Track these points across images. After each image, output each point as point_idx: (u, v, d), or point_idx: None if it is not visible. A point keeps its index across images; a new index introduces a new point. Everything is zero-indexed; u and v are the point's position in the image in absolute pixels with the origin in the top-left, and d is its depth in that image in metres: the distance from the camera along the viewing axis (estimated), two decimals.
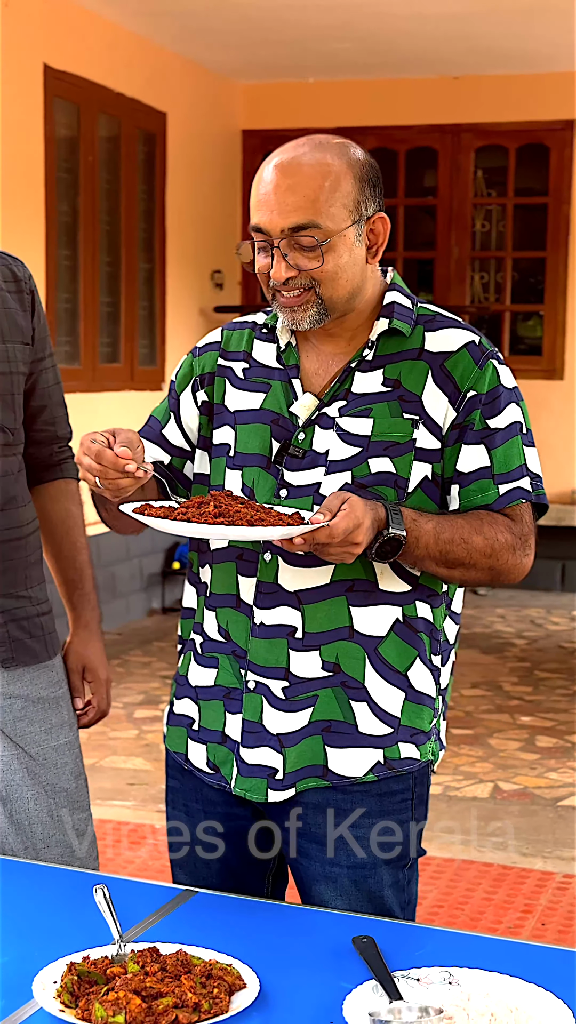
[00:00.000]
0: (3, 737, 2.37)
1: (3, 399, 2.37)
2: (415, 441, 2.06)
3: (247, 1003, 1.77)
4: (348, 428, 2.07)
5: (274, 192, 2.00)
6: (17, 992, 1.80)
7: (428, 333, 2.10)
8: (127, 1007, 1.73)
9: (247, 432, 2.13)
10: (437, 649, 2.16)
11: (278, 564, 2.08)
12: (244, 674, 2.13)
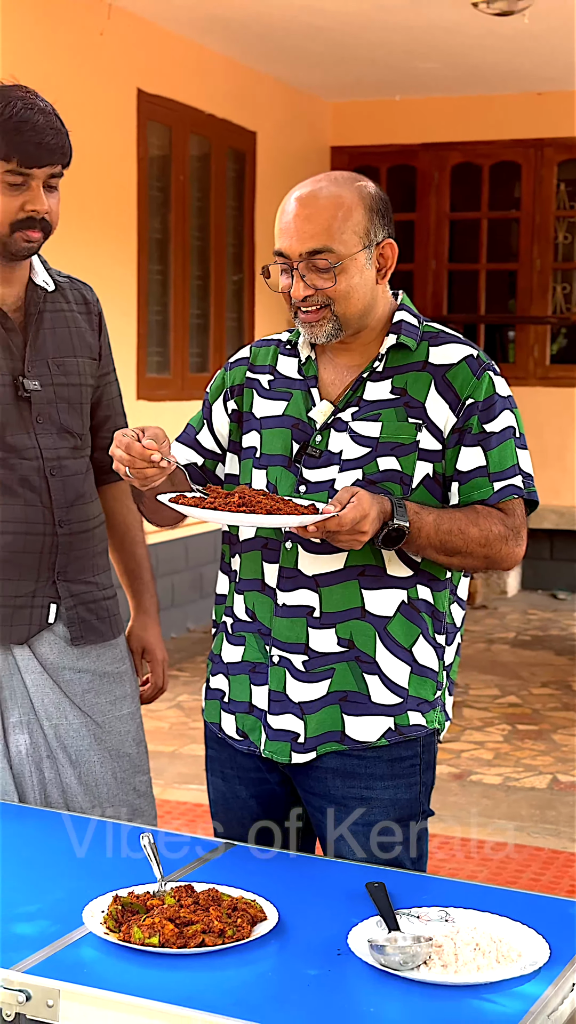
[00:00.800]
0: (73, 707, 2.68)
1: (73, 407, 2.69)
2: (418, 443, 2.34)
3: (266, 931, 2.05)
4: (359, 431, 2.36)
5: (294, 221, 2.31)
6: (70, 919, 2.10)
7: (432, 348, 2.39)
8: (161, 931, 2.02)
9: (271, 435, 2.43)
10: (441, 629, 2.43)
11: (298, 552, 2.37)
12: (269, 650, 2.42)
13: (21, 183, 2.52)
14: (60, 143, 2.54)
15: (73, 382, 2.69)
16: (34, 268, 2.70)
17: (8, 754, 2.66)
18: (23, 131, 2.49)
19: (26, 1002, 1.92)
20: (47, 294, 2.71)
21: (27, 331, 2.65)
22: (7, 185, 2.52)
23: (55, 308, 2.71)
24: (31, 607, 2.65)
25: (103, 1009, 1.90)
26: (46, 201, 2.55)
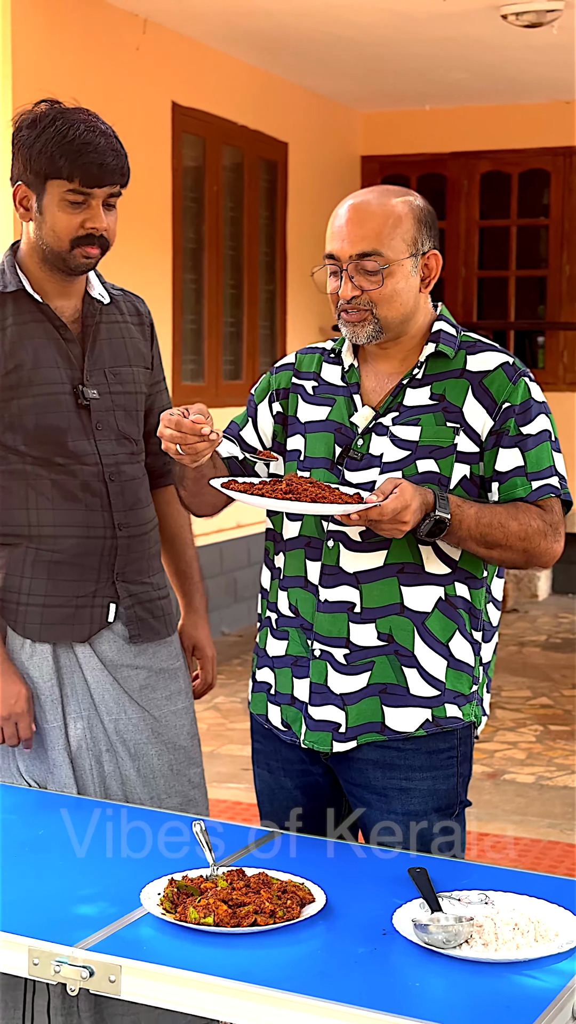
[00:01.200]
0: (132, 702, 2.80)
1: (129, 414, 2.82)
2: (456, 446, 2.45)
3: (314, 912, 2.16)
4: (399, 435, 2.47)
5: (346, 225, 2.44)
6: (128, 901, 2.22)
7: (469, 356, 2.50)
8: (216, 911, 2.13)
9: (315, 439, 2.55)
10: (477, 626, 2.53)
11: (339, 549, 2.49)
12: (311, 644, 2.52)
13: (81, 202, 2.65)
14: (120, 164, 2.66)
15: (128, 390, 2.82)
16: (90, 282, 2.83)
17: (69, 748, 2.77)
18: (85, 152, 2.61)
19: (89, 977, 2.03)
20: (103, 307, 2.83)
21: (85, 342, 2.78)
22: (68, 203, 2.65)
23: (110, 320, 2.84)
24: (92, 607, 2.77)
25: (162, 983, 2.01)
26: (104, 219, 2.68)
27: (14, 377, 2.73)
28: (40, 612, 2.76)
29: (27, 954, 2.08)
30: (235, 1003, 1.97)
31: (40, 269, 2.76)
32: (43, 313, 2.76)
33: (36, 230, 2.72)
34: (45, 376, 2.74)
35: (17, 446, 2.75)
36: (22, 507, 2.76)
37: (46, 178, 2.67)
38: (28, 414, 2.73)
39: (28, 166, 2.68)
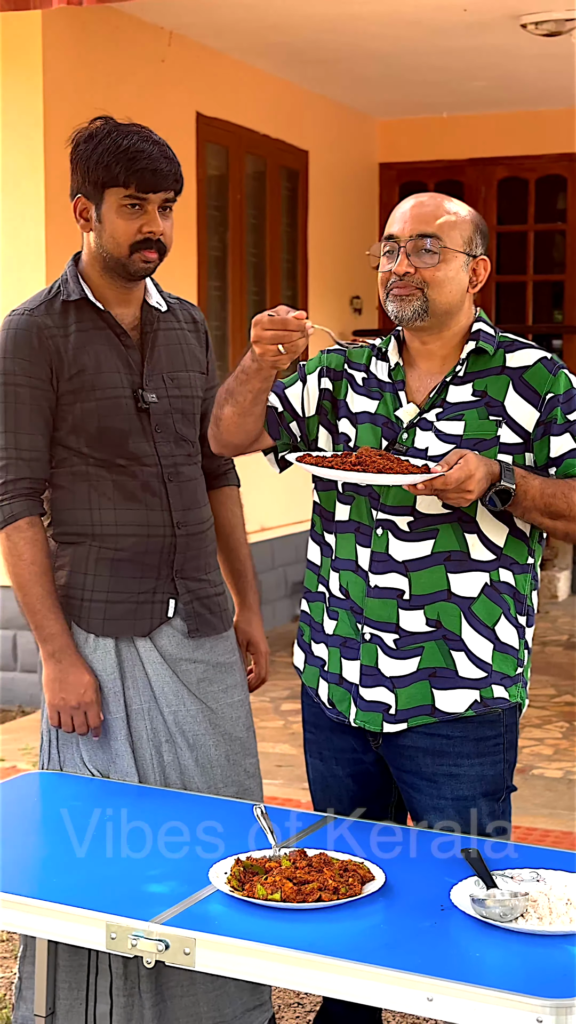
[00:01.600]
0: (190, 695, 2.92)
1: (187, 417, 2.95)
2: (499, 438, 2.58)
3: (375, 889, 2.28)
4: (444, 429, 2.60)
5: (410, 210, 2.60)
6: (196, 880, 2.33)
7: (508, 354, 2.63)
8: (282, 888, 2.24)
9: (364, 430, 2.67)
10: (522, 611, 2.66)
11: (388, 538, 2.61)
12: (360, 628, 2.64)
13: (138, 207, 2.79)
14: (173, 171, 2.80)
15: (186, 394, 2.94)
16: (148, 291, 2.95)
17: (131, 738, 2.89)
18: (140, 159, 2.76)
19: (165, 950, 2.15)
20: (160, 314, 2.96)
21: (144, 348, 2.91)
22: (126, 209, 2.79)
23: (168, 327, 2.96)
24: (152, 602, 2.89)
25: (235, 955, 2.12)
26: (161, 223, 2.81)
27: (77, 382, 2.85)
28: (103, 608, 2.88)
29: (105, 929, 2.20)
30: (305, 973, 2.08)
31: (101, 278, 2.88)
32: (104, 320, 2.89)
33: (96, 239, 2.84)
34: (107, 381, 2.86)
35: (80, 448, 2.87)
36: (85, 507, 2.88)
37: (104, 187, 2.80)
38: (91, 417, 2.85)
39: (86, 177, 2.82)
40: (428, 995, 1.99)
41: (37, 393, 2.85)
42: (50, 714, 2.91)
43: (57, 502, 2.92)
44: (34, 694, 6.34)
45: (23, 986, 3.00)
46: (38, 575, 2.86)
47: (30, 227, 6.17)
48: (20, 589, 2.89)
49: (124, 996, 2.87)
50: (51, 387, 2.86)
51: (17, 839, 2.58)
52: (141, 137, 2.81)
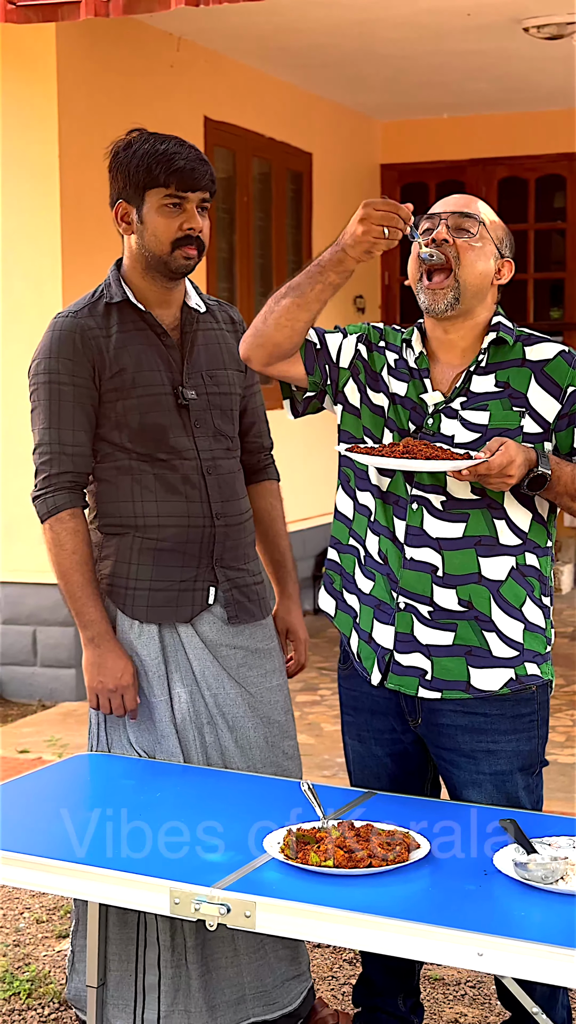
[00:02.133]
0: (230, 679, 3.05)
1: (225, 414, 3.08)
2: (522, 427, 2.72)
3: (421, 856, 2.41)
4: (470, 419, 2.74)
5: (453, 198, 2.77)
6: (250, 850, 2.46)
7: (527, 347, 2.78)
8: (334, 855, 2.38)
9: (395, 410, 2.81)
10: (546, 591, 2.81)
11: (423, 514, 2.74)
12: (396, 596, 2.76)
13: (178, 205, 2.93)
14: (207, 171, 2.95)
15: (224, 391, 3.08)
16: (187, 292, 3.09)
17: (175, 720, 3.02)
18: (177, 161, 2.92)
19: (227, 914, 2.28)
20: (199, 315, 3.09)
21: (183, 347, 3.04)
22: (167, 208, 2.93)
23: (206, 327, 3.09)
24: (193, 590, 3.02)
25: (294, 916, 2.26)
26: (200, 221, 2.95)
27: (119, 380, 2.98)
28: (147, 595, 3.01)
29: (168, 895, 2.33)
30: (362, 932, 2.21)
31: (143, 280, 3.01)
32: (145, 321, 3.02)
33: (138, 240, 2.98)
34: (148, 379, 2.99)
35: (123, 443, 3.00)
36: (128, 500, 3.01)
37: (144, 188, 2.95)
38: (132, 413, 2.98)
39: (127, 182, 2.97)
40: (478, 950, 2.12)
41: (80, 391, 2.98)
42: (89, 697, 3.04)
43: (102, 495, 3.05)
44: (55, 688, 6.47)
45: (75, 959, 3.13)
46: (79, 564, 2.99)
47: (46, 232, 6.28)
48: (62, 577, 3.02)
49: (172, 967, 3.00)
50: (94, 385, 2.99)
51: (76, 814, 2.71)
52: (176, 142, 2.98)
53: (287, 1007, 3.10)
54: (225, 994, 3.03)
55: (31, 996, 3.47)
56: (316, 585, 8.76)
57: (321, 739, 5.78)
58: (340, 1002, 3.44)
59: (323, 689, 6.64)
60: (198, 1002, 3.00)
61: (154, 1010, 3.01)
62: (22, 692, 6.56)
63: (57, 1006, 3.42)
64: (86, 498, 3.07)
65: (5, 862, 2.49)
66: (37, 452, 3.03)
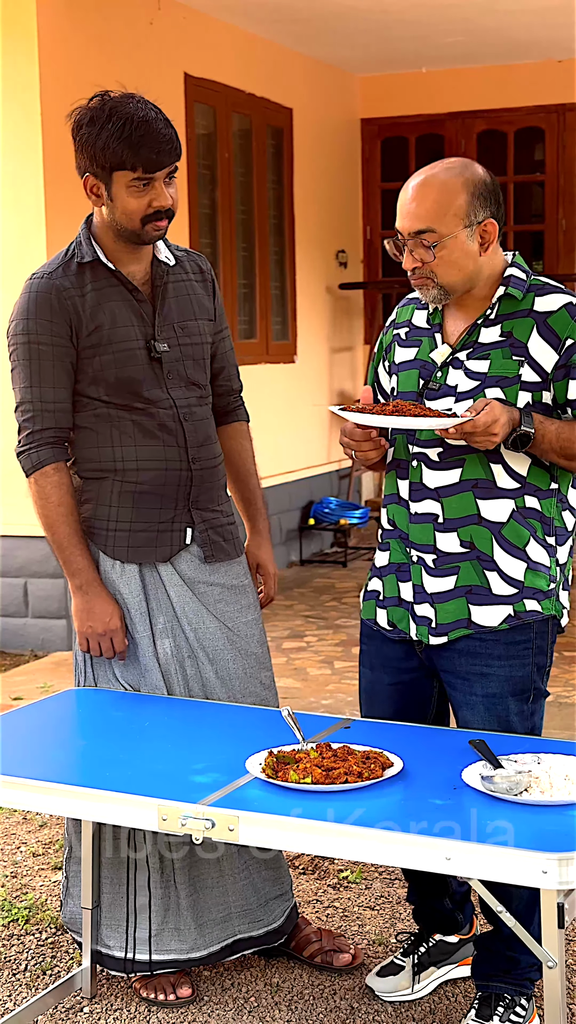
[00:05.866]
0: (209, 614, 3.19)
1: (197, 363, 3.20)
2: (521, 376, 2.83)
3: (394, 773, 2.56)
4: (471, 368, 2.87)
5: (407, 205, 2.84)
6: (234, 771, 2.61)
7: (537, 298, 2.87)
8: (312, 773, 2.52)
9: (405, 376, 2.96)
10: (550, 532, 2.91)
11: (422, 468, 2.90)
12: (408, 551, 2.94)
13: (146, 184, 3.00)
14: (173, 146, 3.01)
15: (195, 341, 3.19)
16: (157, 247, 3.19)
17: (157, 655, 3.16)
18: (145, 143, 2.96)
19: (212, 828, 2.43)
20: (169, 268, 3.20)
21: (155, 301, 3.15)
22: (135, 188, 3.00)
23: (176, 279, 3.21)
24: (171, 531, 3.16)
25: (274, 829, 2.40)
26: (168, 195, 3.03)
27: (95, 337, 3.10)
28: (127, 536, 3.14)
29: (156, 811, 2.48)
30: (337, 841, 2.36)
31: (114, 242, 3.11)
32: (117, 278, 3.12)
33: (109, 214, 3.06)
34: (122, 335, 3.10)
35: (100, 396, 3.12)
36: (107, 445, 3.14)
37: (112, 170, 3.01)
38: (108, 368, 3.10)
39: (94, 160, 3.02)
40: (447, 855, 2.27)
41: (59, 350, 3.10)
42: (79, 641, 3.18)
43: (81, 441, 3.17)
44: (46, 639, 6.62)
45: (70, 884, 3.29)
46: (65, 515, 3.12)
47: (29, 193, 6.37)
48: (48, 528, 3.15)
49: (161, 888, 3.16)
50: (71, 344, 3.10)
51: (68, 743, 2.86)
52: (143, 118, 2.98)
53: (271, 924, 3.27)
54: (212, 913, 3.19)
55: (29, 922, 3.63)
56: (302, 536, 8.91)
57: (307, 683, 5.93)
58: (323, 923, 3.60)
59: (309, 636, 6.80)
60: (187, 920, 3.16)
61: (145, 929, 3.17)
62: (15, 642, 6.71)
63: (54, 931, 3.57)
64: (68, 450, 3.19)
65: (3, 785, 2.63)
66: (19, 410, 3.15)
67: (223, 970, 3.33)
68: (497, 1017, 2.95)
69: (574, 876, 2.21)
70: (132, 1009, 3.18)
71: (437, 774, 2.59)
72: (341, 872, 3.90)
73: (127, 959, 3.19)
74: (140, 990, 3.22)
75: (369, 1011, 3.14)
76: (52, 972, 3.37)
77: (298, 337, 9.07)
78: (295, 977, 3.29)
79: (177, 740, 2.85)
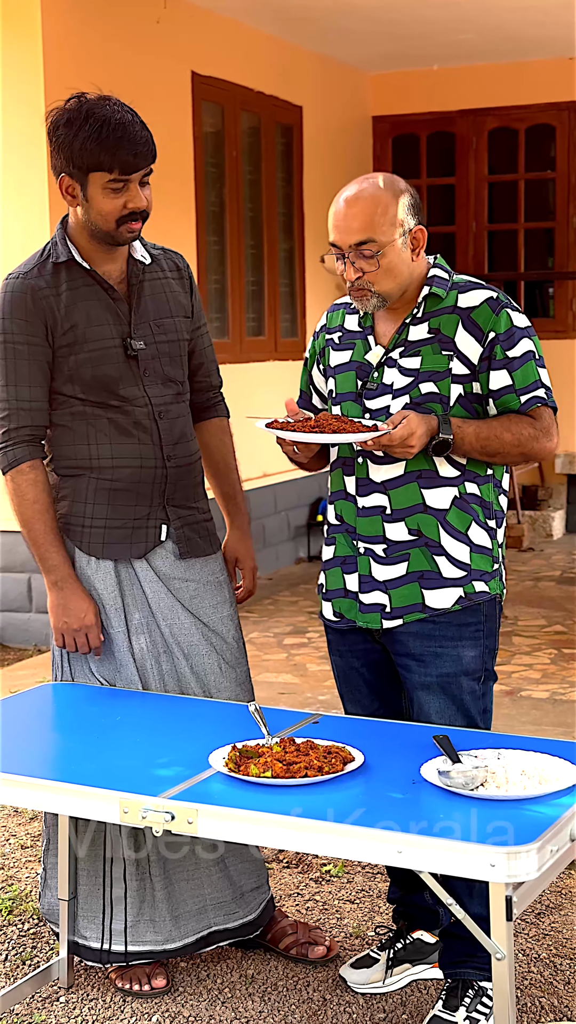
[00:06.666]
0: (184, 610, 3.23)
1: (174, 360, 3.23)
2: (451, 369, 2.94)
3: (355, 768, 2.59)
4: (405, 365, 2.97)
5: (344, 219, 2.92)
6: (198, 765, 2.65)
7: (460, 295, 2.98)
8: (272, 767, 2.56)
9: (342, 378, 3.05)
10: (490, 515, 3.03)
11: (368, 464, 2.98)
12: (356, 543, 3.02)
13: (121, 187, 3.04)
14: (149, 148, 3.05)
15: (172, 338, 3.23)
16: (132, 245, 3.23)
17: (132, 650, 3.20)
18: (122, 146, 3.00)
19: (171, 820, 2.47)
20: (145, 266, 3.24)
21: (131, 300, 3.19)
22: (111, 190, 3.04)
23: (152, 277, 3.24)
24: (146, 528, 3.20)
25: (232, 822, 2.44)
26: (143, 197, 3.07)
27: (70, 336, 3.14)
28: (102, 533, 3.19)
29: (118, 804, 2.52)
30: (292, 834, 2.39)
31: (88, 242, 3.14)
32: (92, 278, 3.16)
33: (84, 214, 3.10)
34: (97, 333, 3.14)
35: (76, 394, 3.16)
36: (83, 443, 3.18)
37: (88, 171, 3.04)
38: (84, 367, 3.14)
39: (71, 162, 3.05)
40: (398, 848, 2.30)
41: (35, 350, 3.14)
42: (55, 636, 3.23)
43: (58, 439, 3.21)
44: (50, 633, 6.65)
45: (48, 876, 3.34)
46: (40, 512, 3.17)
47: (34, 188, 6.43)
48: (25, 526, 3.19)
49: (136, 880, 3.20)
50: (47, 343, 3.14)
51: (40, 736, 2.91)
52: (119, 121, 3.02)
53: (247, 917, 3.31)
54: (187, 904, 3.23)
55: (12, 913, 3.68)
56: (310, 533, 8.94)
57: (305, 679, 5.97)
58: (303, 916, 3.64)
59: (311, 632, 6.83)
60: (162, 912, 3.20)
61: (121, 920, 3.22)
62: (19, 637, 6.77)
63: (36, 922, 3.62)
64: (44, 448, 3.24)
65: None
66: None
67: (200, 961, 3.37)
68: (464, 1007, 2.98)
69: (522, 870, 2.24)
70: (107, 999, 3.22)
71: (398, 769, 2.62)
72: (324, 866, 3.94)
73: (103, 950, 3.24)
74: (116, 980, 3.26)
75: (341, 1002, 3.17)
76: (31, 962, 3.42)
77: (307, 334, 9.10)
78: (270, 969, 3.33)
79: (146, 735, 2.89)
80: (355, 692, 3.19)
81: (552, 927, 3.55)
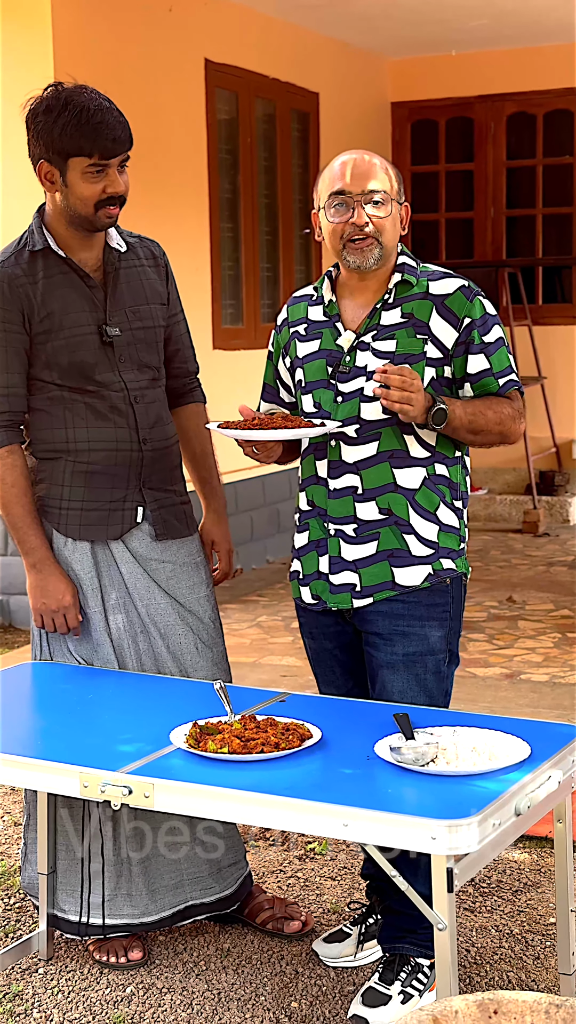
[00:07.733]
0: (160, 590, 3.30)
1: (149, 346, 3.30)
2: (425, 353, 3.01)
3: (311, 744, 2.65)
4: (379, 348, 3.03)
5: (355, 167, 3.02)
6: (160, 741, 2.72)
7: (431, 282, 3.05)
8: (230, 743, 2.62)
9: (311, 367, 3.11)
10: (457, 496, 3.11)
11: (340, 446, 3.06)
12: (327, 526, 3.09)
13: (100, 171, 3.11)
14: (127, 135, 3.13)
15: (147, 325, 3.30)
16: (109, 234, 3.29)
17: (109, 630, 3.27)
18: (101, 131, 3.08)
19: (128, 795, 2.54)
20: (121, 254, 3.30)
21: (107, 287, 3.25)
22: (90, 175, 3.11)
23: (128, 265, 3.31)
24: (123, 510, 3.27)
25: (187, 796, 2.51)
26: (121, 181, 3.14)
27: (47, 323, 3.20)
28: (79, 515, 3.26)
29: (78, 779, 2.59)
30: (242, 807, 2.46)
31: (66, 229, 3.21)
32: (68, 265, 3.23)
33: (63, 200, 3.17)
34: (73, 320, 3.21)
35: (53, 380, 3.23)
36: (60, 427, 3.25)
37: (68, 156, 3.12)
38: (61, 353, 3.21)
39: (50, 148, 3.13)
40: (344, 821, 2.36)
41: (12, 337, 3.21)
42: (34, 617, 3.31)
43: (36, 423, 3.28)
44: None
45: (28, 850, 3.42)
46: (19, 496, 3.24)
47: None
48: (3, 508, 3.28)
49: (114, 855, 3.28)
50: (24, 330, 3.21)
51: (17, 714, 2.98)
52: (97, 107, 3.10)
53: (223, 892, 3.38)
54: (164, 879, 3.30)
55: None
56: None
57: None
58: (284, 892, 3.70)
59: None
60: (139, 886, 3.28)
61: (99, 894, 3.29)
62: (28, 620, 6.83)
63: (22, 896, 3.71)
64: (23, 433, 3.31)
65: None
66: None
67: (178, 935, 3.44)
68: (399, 981, 3.06)
69: (463, 842, 2.30)
70: (85, 971, 3.30)
71: (354, 746, 2.68)
72: (308, 844, 4.00)
73: (81, 923, 3.32)
74: (94, 952, 3.34)
75: (312, 975, 3.24)
76: (14, 935, 3.50)
77: None
78: (246, 943, 3.40)
79: (115, 712, 2.96)
80: (328, 673, 3.25)
81: (528, 904, 3.61)
